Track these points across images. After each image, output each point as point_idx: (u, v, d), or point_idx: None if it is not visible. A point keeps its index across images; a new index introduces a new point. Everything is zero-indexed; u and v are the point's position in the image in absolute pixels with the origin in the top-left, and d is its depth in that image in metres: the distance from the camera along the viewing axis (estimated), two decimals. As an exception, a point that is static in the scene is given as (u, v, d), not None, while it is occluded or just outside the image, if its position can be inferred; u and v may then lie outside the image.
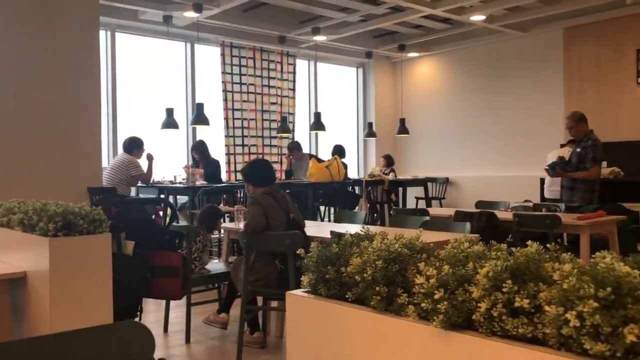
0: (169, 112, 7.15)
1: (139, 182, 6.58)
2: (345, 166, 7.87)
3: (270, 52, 9.05)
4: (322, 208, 8.00)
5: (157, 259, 3.71)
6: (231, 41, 8.58)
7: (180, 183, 7.08)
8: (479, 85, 9.60)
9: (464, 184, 9.80)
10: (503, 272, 1.26)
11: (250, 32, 8.61)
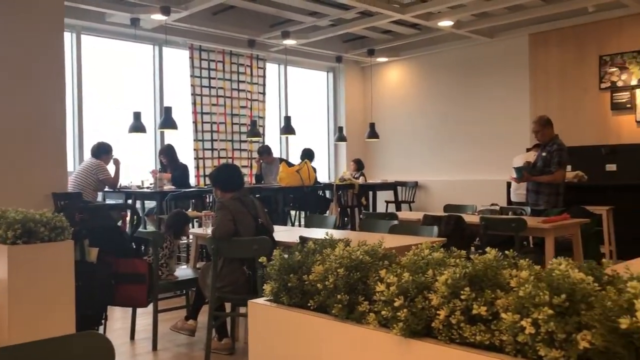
0: (137, 115, 7.05)
1: (106, 186, 6.48)
2: (314, 170, 7.87)
3: (240, 56, 9.01)
4: (292, 212, 7.98)
5: (122, 266, 3.65)
6: (200, 44, 8.51)
7: (147, 188, 6.98)
8: (447, 90, 9.72)
9: (433, 188, 9.90)
10: (461, 279, 1.27)
11: (220, 36, 8.56)
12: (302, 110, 10.15)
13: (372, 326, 1.38)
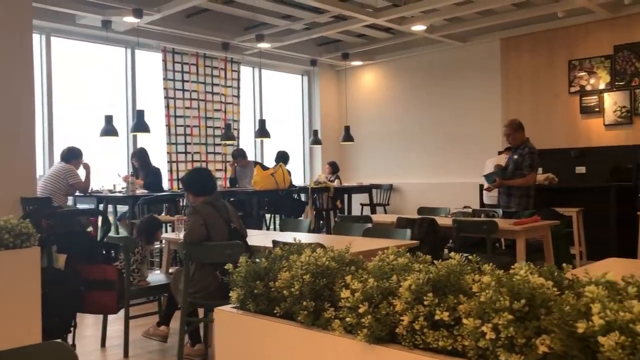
0: (108, 119, 6.96)
1: (76, 191, 6.38)
2: (289, 173, 7.86)
3: (214, 59, 8.96)
4: (267, 216, 7.96)
5: (91, 273, 3.60)
6: (173, 47, 8.44)
7: (119, 192, 6.89)
8: (421, 93, 9.80)
9: (407, 191, 9.96)
10: (425, 284, 1.27)
11: (193, 38, 8.50)
12: (276, 113, 10.13)
13: (337, 332, 1.38)
